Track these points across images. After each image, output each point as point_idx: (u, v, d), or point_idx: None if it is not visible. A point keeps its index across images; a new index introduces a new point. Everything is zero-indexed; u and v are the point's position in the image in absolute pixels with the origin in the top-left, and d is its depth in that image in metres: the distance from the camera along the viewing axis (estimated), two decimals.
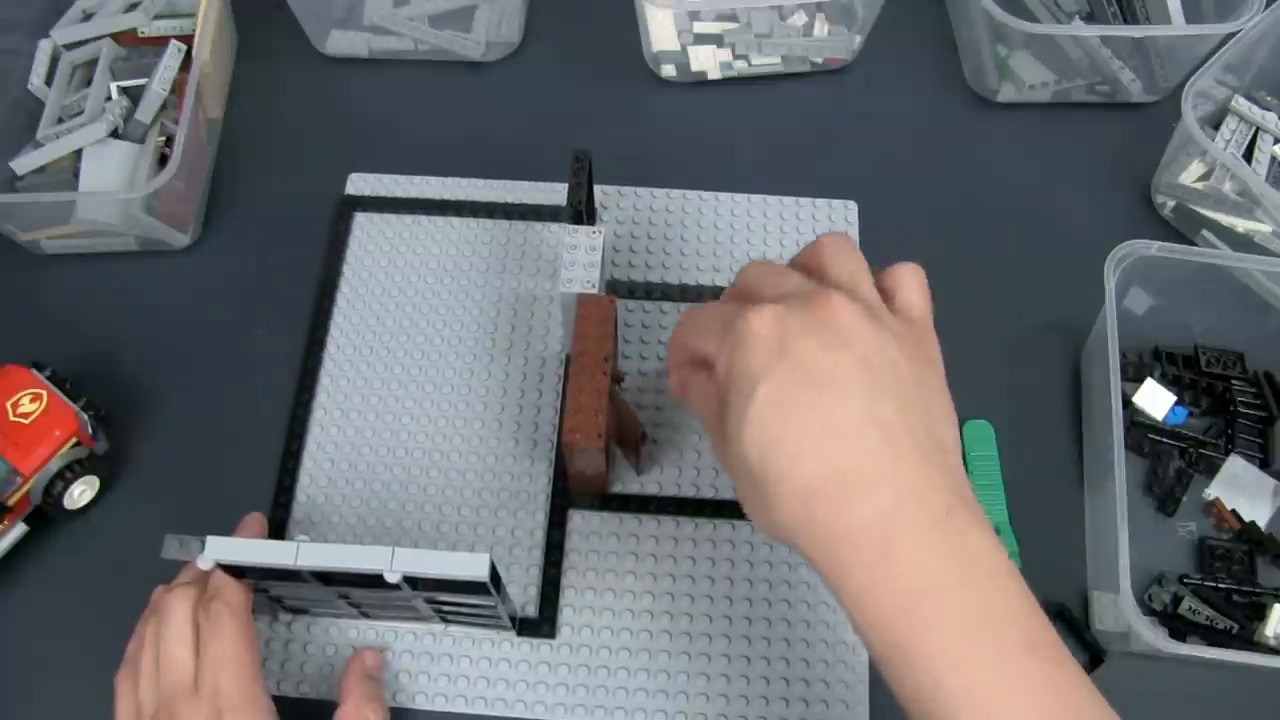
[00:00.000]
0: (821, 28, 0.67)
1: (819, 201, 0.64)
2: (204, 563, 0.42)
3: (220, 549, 0.42)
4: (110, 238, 0.62)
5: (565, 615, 0.53)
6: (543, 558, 0.54)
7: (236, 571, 0.45)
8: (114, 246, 0.63)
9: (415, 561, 0.42)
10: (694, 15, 0.66)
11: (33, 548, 0.55)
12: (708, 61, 0.68)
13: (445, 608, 0.48)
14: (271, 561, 0.42)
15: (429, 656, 0.52)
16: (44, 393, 0.53)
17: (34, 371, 0.54)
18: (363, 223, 0.64)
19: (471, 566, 0.41)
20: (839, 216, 0.64)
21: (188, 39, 0.66)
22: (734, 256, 0.63)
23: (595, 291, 0.52)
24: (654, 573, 0.54)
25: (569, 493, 0.56)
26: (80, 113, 0.64)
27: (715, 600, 0.53)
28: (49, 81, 0.66)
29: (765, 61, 0.68)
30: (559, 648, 0.52)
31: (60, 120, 0.65)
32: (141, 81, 0.65)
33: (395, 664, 0.52)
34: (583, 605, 0.53)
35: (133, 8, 0.68)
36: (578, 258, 0.53)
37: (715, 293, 0.61)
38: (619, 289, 0.62)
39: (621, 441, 0.54)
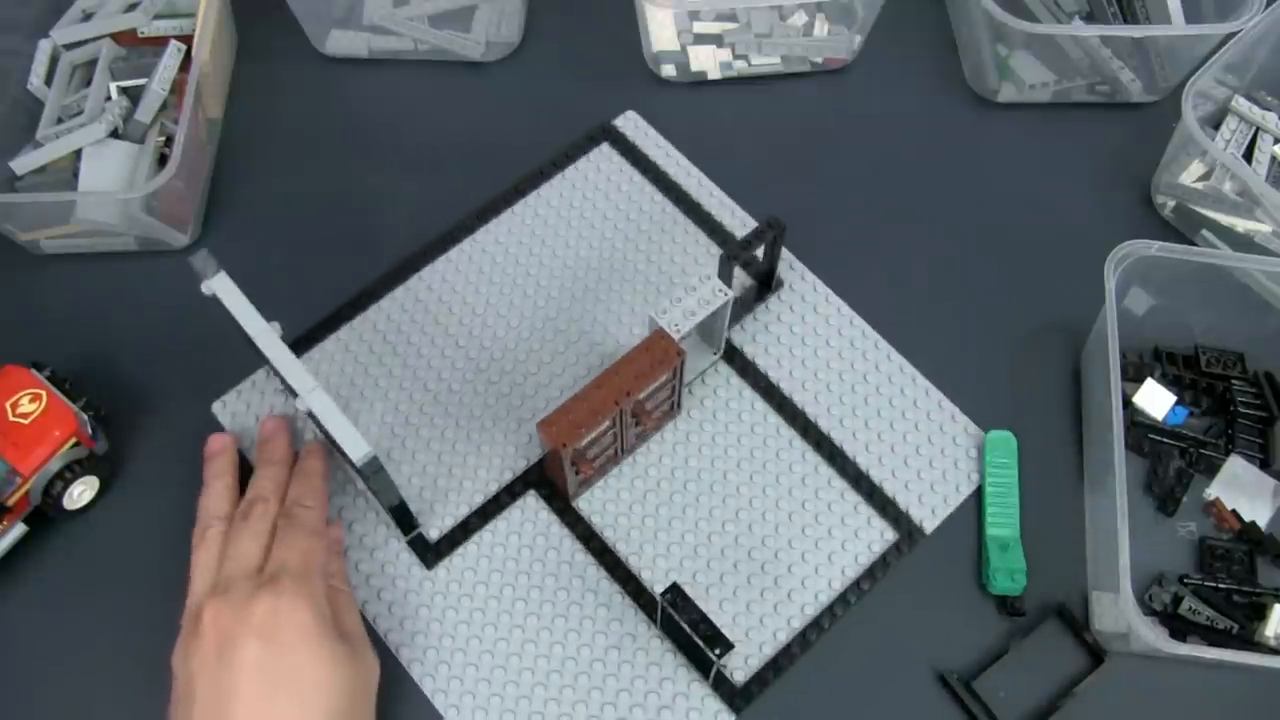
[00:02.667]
0: (821, 28, 0.67)
1: (972, 427, 0.57)
2: (206, 288, 0.48)
3: (219, 286, 0.48)
4: (110, 238, 0.62)
5: (453, 561, 0.54)
6: (479, 505, 0.55)
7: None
8: (114, 246, 0.63)
9: (323, 406, 0.45)
10: (694, 15, 0.66)
11: (33, 548, 0.54)
12: (708, 61, 0.68)
13: (353, 469, 0.50)
14: (245, 326, 0.48)
15: (338, 503, 0.55)
16: (44, 393, 0.53)
17: (34, 371, 0.54)
18: (600, 154, 0.66)
19: (354, 446, 0.44)
20: (965, 442, 0.57)
21: (187, 39, 0.66)
22: (855, 413, 0.58)
23: (676, 337, 0.51)
24: (544, 590, 0.54)
25: (544, 478, 0.56)
26: (80, 113, 0.64)
27: (564, 654, 0.52)
28: (49, 81, 0.66)
29: (765, 61, 0.68)
30: (424, 581, 0.54)
31: (60, 120, 0.65)
32: (141, 81, 0.65)
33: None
34: (469, 566, 0.54)
35: (133, 8, 0.68)
36: (687, 300, 0.52)
37: (809, 428, 0.57)
38: (734, 358, 0.59)
39: (575, 463, 0.52)
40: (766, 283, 0.60)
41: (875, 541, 0.55)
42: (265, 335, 0.47)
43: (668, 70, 0.69)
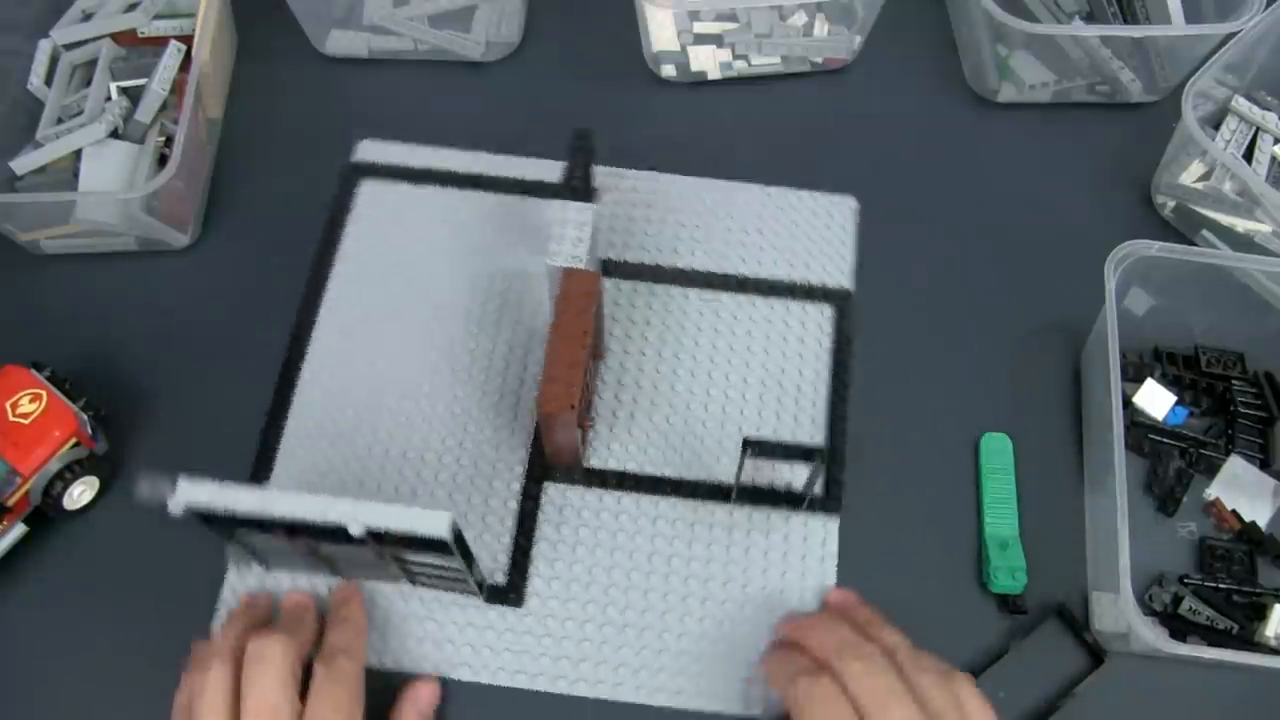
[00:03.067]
0: (821, 28, 0.67)
1: (819, 196, 0.65)
2: (175, 507, 0.43)
3: (191, 492, 0.43)
4: (110, 238, 0.62)
5: (534, 585, 0.54)
6: (515, 527, 0.55)
7: (206, 518, 0.45)
8: (114, 246, 0.63)
9: (379, 515, 0.42)
10: (694, 15, 0.66)
11: (33, 548, 0.54)
12: (708, 61, 0.68)
13: (413, 567, 0.49)
14: (242, 509, 0.43)
15: (398, 616, 0.53)
16: (44, 393, 0.53)
17: (34, 372, 0.54)
18: (368, 190, 0.64)
19: (432, 523, 0.42)
20: (838, 212, 0.64)
21: (187, 39, 0.66)
22: (729, 245, 0.63)
23: (581, 267, 0.52)
24: (623, 547, 0.55)
25: (546, 465, 0.56)
26: (80, 113, 0.64)
27: (680, 579, 0.54)
28: (49, 81, 0.66)
29: (765, 61, 0.68)
30: (525, 616, 0.53)
31: (60, 120, 0.65)
32: (141, 81, 0.65)
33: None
34: (551, 576, 0.54)
35: (133, 8, 0.68)
36: (566, 232, 0.53)
37: (708, 278, 0.62)
38: (613, 269, 0.62)
39: (580, 423, 0.54)
40: (586, 195, 0.59)
41: (821, 322, 0.61)
42: (268, 500, 0.43)
43: (668, 70, 0.69)
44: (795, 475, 0.56)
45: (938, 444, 0.58)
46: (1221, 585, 0.53)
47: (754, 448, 0.50)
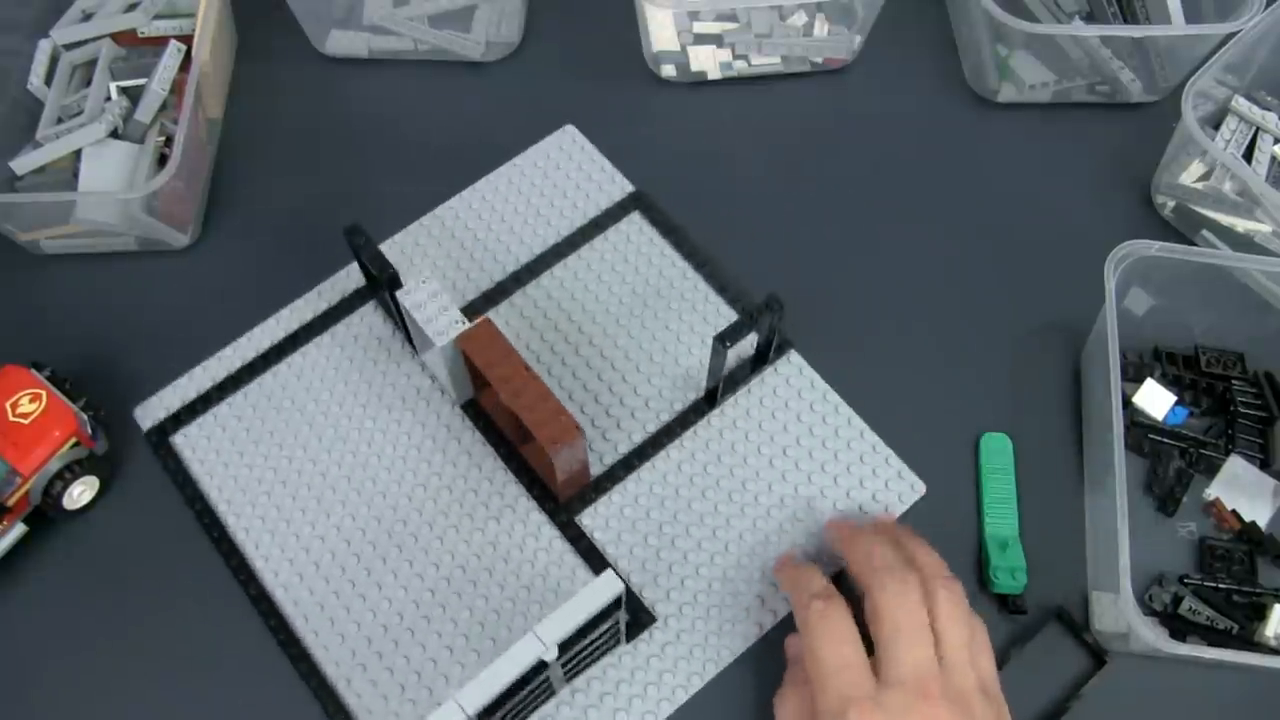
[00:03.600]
0: (821, 28, 0.67)
1: (545, 142, 0.67)
2: None
3: None
4: (110, 238, 0.62)
5: (648, 596, 0.53)
6: (589, 571, 0.54)
7: None
8: (114, 246, 0.63)
9: (562, 622, 0.41)
10: (694, 15, 0.66)
11: (32, 548, 0.55)
12: (708, 61, 0.68)
13: (574, 660, 0.47)
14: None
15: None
16: (43, 393, 0.53)
17: (34, 372, 0.54)
18: (183, 440, 0.58)
19: (607, 588, 0.42)
20: (567, 144, 0.66)
21: (187, 39, 0.66)
22: (530, 226, 0.64)
23: (467, 322, 0.51)
24: (681, 510, 0.55)
25: (566, 507, 0.55)
26: (80, 113, 0.65)
27: (740, 493, 0.56)
28: (49, 81, 0.66)
29: (765, 61, 0.68)
30: (667, 622, 0.53)
31: (60, 120, 0.65)
32: (141, 81, 0.65)
33: None
34: (650, 576, 0.54)
35: (132, 8, 0.68)
36: (431, 311, 0.52)
37: (537, 265, 0.62)
38: (468, 314, 0.61)
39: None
40: (396, 280, 0.56)
41: (641, 227, 0.63)
42: (469, 697, 0.40)
43: (668, 70, 0.69)
44: (738, 347, 0.56)
45: (938, 444, 0.58)
46: (1221, 585, 0.53)
47: (727, 338, 0.50)
